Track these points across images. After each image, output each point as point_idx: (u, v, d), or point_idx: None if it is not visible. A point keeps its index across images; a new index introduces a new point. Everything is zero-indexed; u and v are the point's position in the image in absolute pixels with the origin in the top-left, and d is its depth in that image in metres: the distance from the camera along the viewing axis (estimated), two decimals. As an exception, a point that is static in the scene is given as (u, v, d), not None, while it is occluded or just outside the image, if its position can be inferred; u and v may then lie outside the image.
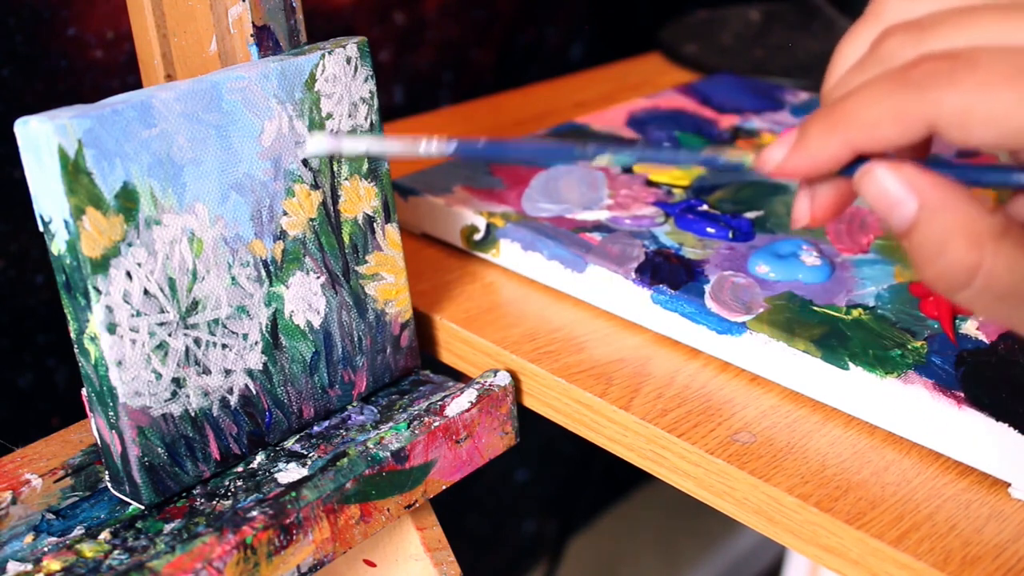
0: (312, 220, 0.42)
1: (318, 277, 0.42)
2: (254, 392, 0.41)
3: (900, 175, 0.28)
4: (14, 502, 0.39)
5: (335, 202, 0.42)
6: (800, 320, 0.43)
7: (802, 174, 0.30)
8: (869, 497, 0.37)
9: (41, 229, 0.35)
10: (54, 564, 0.36)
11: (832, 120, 0.28)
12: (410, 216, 0.56)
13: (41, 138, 0.33)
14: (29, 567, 0.36)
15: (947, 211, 0.27)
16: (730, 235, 0.50)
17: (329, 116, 0.42)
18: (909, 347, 0.41)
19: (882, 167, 0.28)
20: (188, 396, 0.38)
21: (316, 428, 0.44)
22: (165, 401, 0.38)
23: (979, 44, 0.27)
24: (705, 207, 0.53)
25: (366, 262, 0.44)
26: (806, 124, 0.29)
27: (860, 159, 0.29)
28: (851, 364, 0.40)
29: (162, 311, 0.37)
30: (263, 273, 0.40)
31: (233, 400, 0.40)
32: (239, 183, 0.39)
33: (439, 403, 0.44)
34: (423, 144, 0.34)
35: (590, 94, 0.78)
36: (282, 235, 0.41)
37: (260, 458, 0.42)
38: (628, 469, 0.46)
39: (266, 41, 0.41)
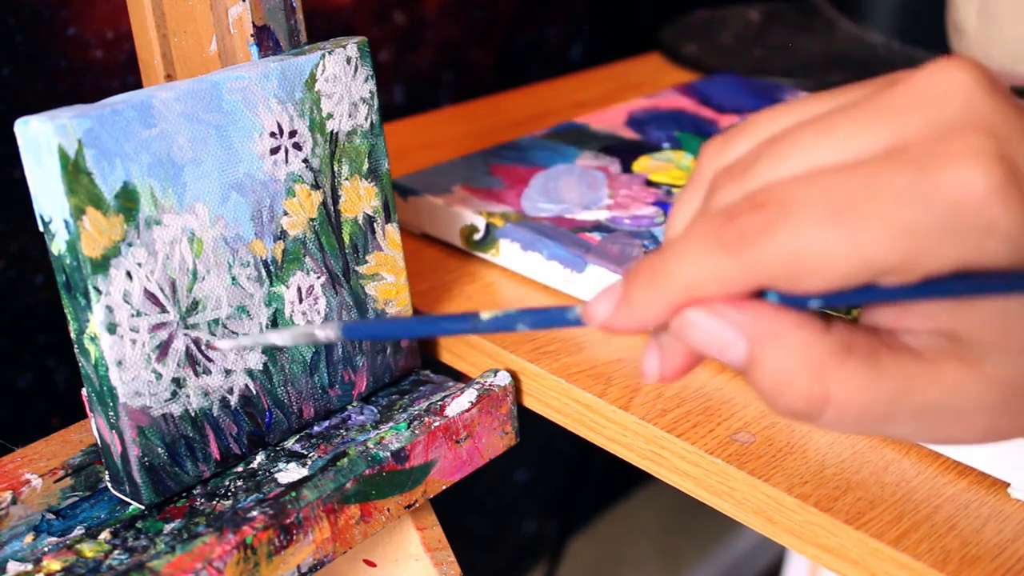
0: (312, 220, 0.42)
1: (318, 277, 0.42)
2: (254, 392, 0.41)
3: (717, 315, 0.25)
4: (14, 502, 0.39)
5: (335, 202, 0.43)
6: (800, 320, 0.43)
7: (628, 332, 0.27)
8: (868, 497, 0.37)
9: (41, 229, 0.35)
10: (54, 564, 0.36)
11: (654, 279, 0.26)
12: (410, 216, 0.56)
13: (41, 138, 0.34)
14: (29, 567, 0.36)
15: (778, 343, 0.25)
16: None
17: (329, 116, 0.42)
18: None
19: (694, 311, 0.25)
20: (188, 396, 0.38)
21: (316, 428, 0.44)
22: (165, 401, 0.38)
23: (794, 173, 0.24)
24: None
25: (366, 262, 0.44)
26: (630, 280, 0.27)
27: None
28: (851, 364, 0.40)
29: (162, 311, 0.37)
30: (263, 273, 0.40)
31: (233, 400, 0.40)
32: (239, 183, 0.39)
33: (439, 403, 0.44)
34: (318, 330, 0.32)
35: (590, 94, 0.78)
36: (282, 235, 0.41)
37: (260, 458, 0.42)
38: (628, 469, 0.46)
39: (266, 41, 0.41)
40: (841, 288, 0.24)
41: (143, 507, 0.39)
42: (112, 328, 0.36)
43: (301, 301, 0.42)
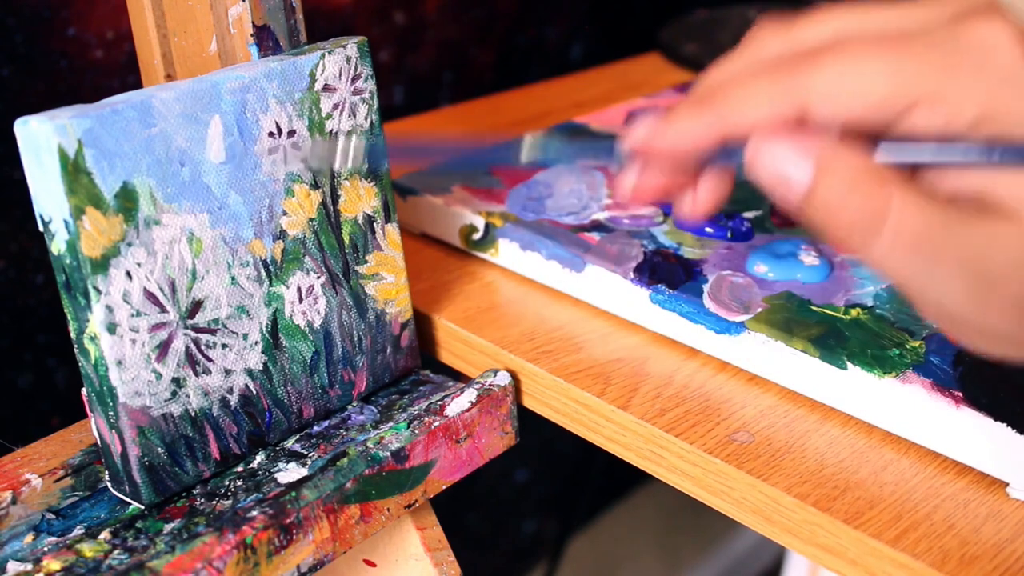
0: (312, 220, 0.42)
1: (318, 277, 0.42)
2: (254, 392, 0.41)
3: (791, 141, 0.28)
4: (14, 502, 0.39)
5: (335, 202, 0.43)
6: (798, 320, 0.43)
7: (664, 149, 0.30)
8: (867, 496, 0.37)
9: (41, 229, 0.35)
10: (54, 564, 0.36)
11: (703, 100, 0.29)
12: (409, 216, 0.56)
13: (41, 138, 0.34)
14: (29, 567, 0.36)
15: (845, 162, 0.27)
16: (728, 235, 0.50)
17: (329, 116, 0.42)
18: (907, 346, 0.41)
19: (771, 140, 0.28)
20: (188, 396, 0.39)
21: (316, 428, 0.44)
22: (165, 401, 0.38)
23: (842, 33, 0.28)
24: (704, 207, 0.53)
25: (366, 262, 0.44)
26: (675, 106, 0.30)
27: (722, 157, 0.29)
28: (849, 364, 0.40)
29: (162, 311, 0.37)
30: (263, 273, 0.40)
31: (233, 400, 0.40)
32: (238, 183, 0.39)
33: (439, 403, 0.44)
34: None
35: (590, 94, 0.78)
36: (282, 235, 0.41)
37: (260, 458, 0.42)
38: (628, 469, 0.46)
39: (266, 41, 0.41)
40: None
41: (143, 507, 0.39)
42: (112, 328, 0.36)
43: (301, 301, 0.42)
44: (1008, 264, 0.26)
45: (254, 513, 0.36)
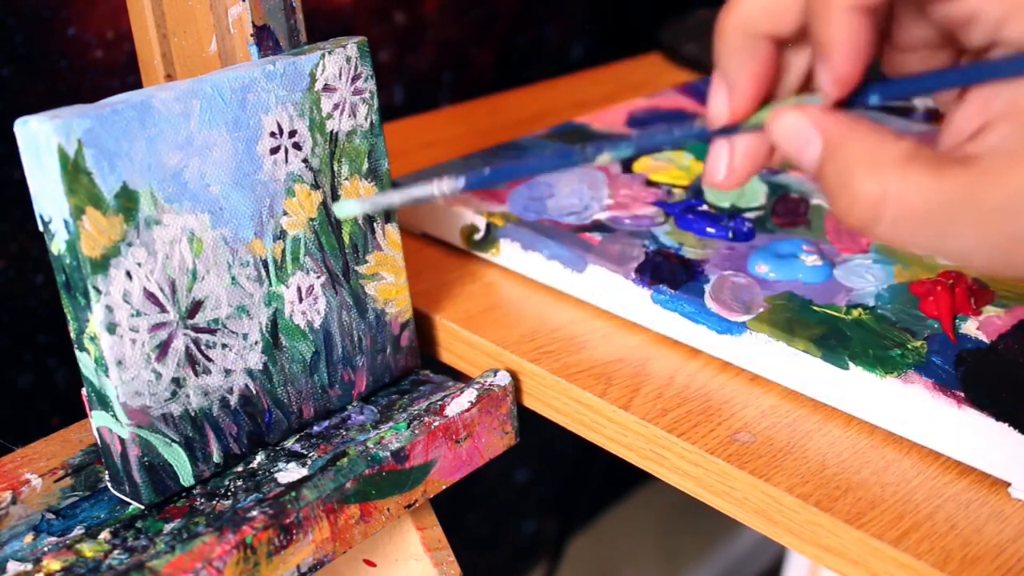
0: (312, 220, 0.42)
1: (318, 277, 0.42)
2: (254, 392, 0.41)
3: (805, 114, 0.28)
4: (14, 502, 0.39)
5: (335, 202, 0.42)
6: (800, 320, 0.43)
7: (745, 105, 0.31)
8: (869, 497, 0.37)
9: (41, 229, 0.35)
10: (54, 564, 0.36)
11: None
12: (410, 216, 0.56)
13: (41, 138, 0.34)
14: (29, 567, 0.36)
15: (849, 143, 0.27)
16: (730, 235, 0.50)
17: (329, 116, 0.42)
18: (909, 347, 0.41)
19: (788, 110, 0.29)
20: (188, 396, 0.38)
21: (316, 428, 0.44)
22: (165, 401, 0.38)
23: None
24: (705, 207, 0.53)
25: (366, 262, 0.44)
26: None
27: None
28: (851, 364, 0.40)
29: (162, 311, 0.37)
30: (263, 273, 0.40)
31: (233, 400, 0.40)
32: (239, 183, 0.39)
33: (439, 403, 0.44)
34: (435, 186, 0.35)
35: (590, 94, 0.78)
36: (282, 235, 0.41)
37: (260, 458, 0.42)
38: (628, 469, 0.46)
39: (266, 41, 0.41)
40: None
41: (143, 507, 0.39)
42: (112, 328, 0.36)
43: (301, 301, 0.42)
44: None
45: (254, 513, 0.36)
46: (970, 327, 0.43)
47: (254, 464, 0.41)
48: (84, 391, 0.38)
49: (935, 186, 0.26)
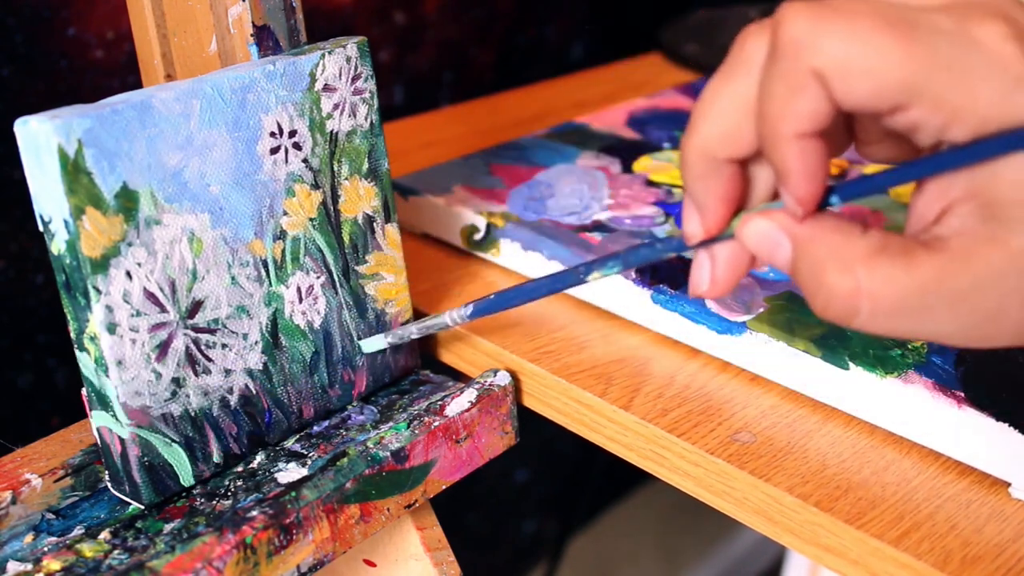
0: (312, 220, 0.42)
1: (318, 277, 0.42)
2: (254, 392, 0.41)
3: (771, 219, 0.29)
4: (14, 502, 0.39)
5: (335, 202, 0.42)
6: (800, 320, 0.43)
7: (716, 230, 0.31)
8: (869, 497, 0.37)
9: (41, 229, 0.35)
10: (54, 564, 0.36)
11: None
12: (410, 216, 0.56)
13: (41, 138, 0.33)
14: (29, 567, 0.36)
15: (816, 244, 0.28)
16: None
17: (329, 116, 0.42)
18: (909, 347, 0.41)
19: (755, 217, 0.30)
20: (188, 396, 0.38)
21: (316, 428, 0.44)
22: (165, 401, 0.38)
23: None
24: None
25: (366, 262, 0.44)
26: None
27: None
28: (851, 364, 0.40)
29: (162, 311, 0.37)
30: (263, 273, 0.40)
31: (233, 400, 0.40)
32: (239, 183, 0.39)
33: (439, 403, 0.44)
34: (447, 316, 0.42)
35: (590, 94, 0.78)
36: (282, 235, 0.41)
37: (260, 458, 0.42)
38: (628, 469, 0.46)
39: (266, 41, 0.41)
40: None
41: (143, 507, 0.39)
42: (112, 328, 0.36)
43: (301, 301, 0.42)
44: (1001, 289, 0.26)
45: (254, 513, 0.36)
46: (970, 327, 0.42)
47: (254, 464, 0.41)
48: (84, 391, 0.38)
49: (905, 277, 0.27)
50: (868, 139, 0.31)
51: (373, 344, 0.44)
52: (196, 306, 0.38)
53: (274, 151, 0.40)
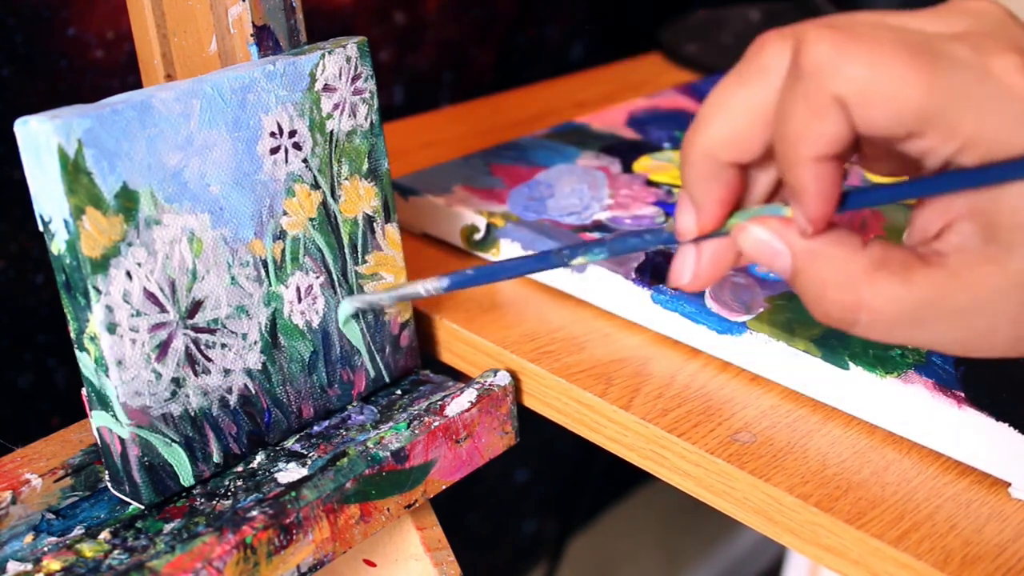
0: (312, 220, 0.42)
1: (317, 277, 0.42)
2: (253, 392, 0.41)
3: (770, 228, 0.30)
4: (14, 502, 0.39)
5: (335, 202, 0.42)
6: (800, 320, 0.43)
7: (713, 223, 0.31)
8: (869, 497, 0.37)
9: (41, 229, 0.35)
10: (54, 564, 0.36)
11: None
12: (410, 216, 0.56)
13: (41, 138, 0.33)
14: (29, 567, 0.36)
15: (817, 259, 0.29)
16: (730, 235, 0.50)
17: (329, 116, 0.42)
18: (909, 347, 0.41)
19: (754, 223, 0.30)
20: (188, 396, 0.38)
21: (316, 428, 0.44)
22: (165, 401, 0.38)
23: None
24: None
25: (366, 262, 0.44)
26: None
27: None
28: (851, 364, 0.40)
29: (162, 311, 0.37)
30: (263, 273, 0.40)
31: (232, 400, 0.40)
32: (239, 183, 0.39)
33: (439, 403, 0.43)
34: (420, 285, 0.40)
35: (590, 94, 0.78)
36: (282, 235, 0.41)
37: (260, 458, 0.42)
38: (628, 469, 0.46)
39: (266, 41, 0.41)
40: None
41: (143, 507, 0.39)
42: (112, 328, 0.36)
43: (300, 301, 0.42)
44: (995, 307, 0.27)
45: (254, 513, 0.36)
46: (970, 327, 0.42)
47: (254, 464, 0.41)
48: (84, 391, 0.38)
49: (904, 293, 0.27)
50: (874, 155, 0.31)
51: (343, 311, 0.44)
52: (196, 306, 0.38)
53: (274, 151, 0.40)
